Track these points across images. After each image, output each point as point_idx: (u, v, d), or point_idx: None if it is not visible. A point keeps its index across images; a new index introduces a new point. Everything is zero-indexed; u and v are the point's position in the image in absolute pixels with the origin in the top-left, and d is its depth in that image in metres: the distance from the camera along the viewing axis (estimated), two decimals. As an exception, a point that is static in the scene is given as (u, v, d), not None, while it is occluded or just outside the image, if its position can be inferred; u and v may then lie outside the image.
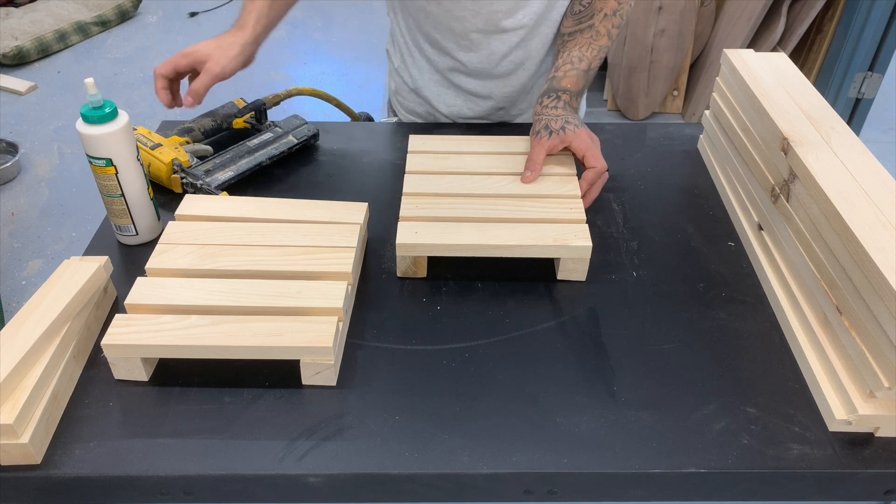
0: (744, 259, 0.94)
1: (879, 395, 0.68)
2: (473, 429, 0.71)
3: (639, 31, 2.48)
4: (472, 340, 0.81)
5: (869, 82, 2.27)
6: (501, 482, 0.68)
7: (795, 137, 0.85)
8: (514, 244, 0.86)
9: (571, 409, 0.73)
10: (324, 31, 3.81)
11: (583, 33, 1.03)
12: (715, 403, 0.74)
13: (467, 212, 0.90)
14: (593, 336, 0.82)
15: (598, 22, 1.03)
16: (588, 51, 1.02)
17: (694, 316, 0.85)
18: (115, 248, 0.94)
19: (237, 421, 0.71)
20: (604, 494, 0.71)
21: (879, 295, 0.67)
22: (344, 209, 0.92)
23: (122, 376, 0.75)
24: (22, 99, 3.09)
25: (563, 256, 0.87)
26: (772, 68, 1.01)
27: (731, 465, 0.68)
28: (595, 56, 1.02)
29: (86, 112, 0.83)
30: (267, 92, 1.20)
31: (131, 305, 0.77)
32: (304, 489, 0.68)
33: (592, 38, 1.03)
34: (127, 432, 0.70)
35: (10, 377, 0.67)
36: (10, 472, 0.67)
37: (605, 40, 1.03)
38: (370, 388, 0.75)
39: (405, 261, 0.88)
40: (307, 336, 0.73)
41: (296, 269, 0.82)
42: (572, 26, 1.05)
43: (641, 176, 1.09)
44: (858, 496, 0.72)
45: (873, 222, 0.72)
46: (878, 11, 2.12)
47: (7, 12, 3.45)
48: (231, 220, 0.90)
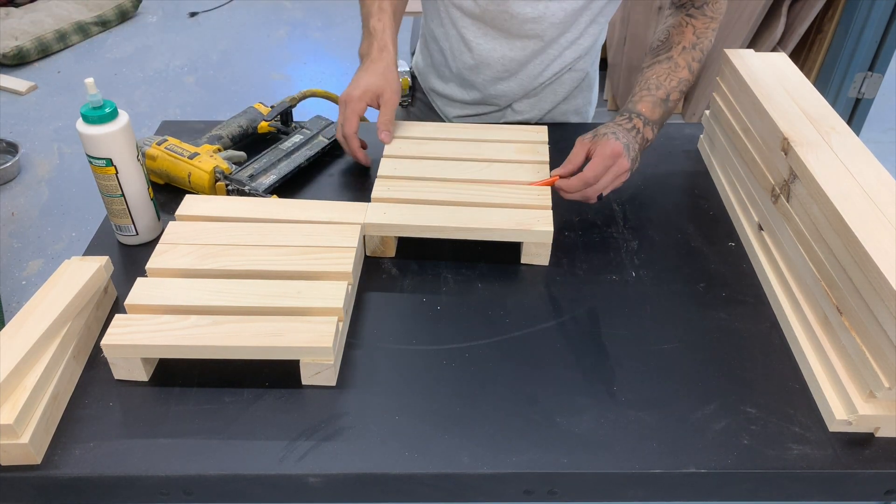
0: (744, 259, 0.94)
1: (879, 395, 0.68)
2: (473, 429, 0.71)
3: (639, 31, 2.48)
4: (472, 340, 0.81)
5: (869, 82, 2.27)
6: (501, 482, 0.68)
7: (795, 137, 0.85)
8: (478, 227, 0.88)
9: (571, 409, 0.73)
10: (324, 31, 3.81)
11: (661, 64, 1.01)
12: (715, 403, 0.74)
13: (437, 195, 0.93)
14: (593, 336, 0.82)
15: (676, 54, 1.01)
16: (666, 80, 1.00)
17: (694, 316, 0.85)
18: (115, 248, 0.94)
19: (237, 421, 0.71)
20: (604, 494, 0.71)
21: (879, 295, 0.67)
22: (344, 209, 0.92)
23: (122, 376, 0.75)
24: (22, 99, 3.09)
25: (525, 240, 0.89)
26: (772, 68, 1.01)
27: (731, 465, 0.68)
28: (674, 87, 1.00)
29: (86, 112, 0.83)
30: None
31: (131, 306, 0.77)
32: (304, 489, 0.68)
33: (671, 70, 1.00)
34: (127, 432, 0.70)
35: (11, 377, 0.67)
36: (10, 472, 0.67)
37: (685, 73, 1.01)
38: (370, 388, 0.75)
39: (373, 240, 0.91)
40: (307, 336, 0.73)
41: (296, 269, 0.82)
42: (650, 60, 1.03)
43: (641, 176, 1.09)
44: (858, 496, 0.72)
45: (873, 222, 0.72)
46: (878, 11, 2.11)
47: (7, 12, 3.45)
48: (231, 221, 0.90)
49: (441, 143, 1.04)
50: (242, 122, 1.12)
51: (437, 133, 1.07)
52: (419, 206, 0.92)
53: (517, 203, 0.92)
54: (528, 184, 0.96)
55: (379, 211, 0.90)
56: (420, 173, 0.98)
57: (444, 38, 1.17)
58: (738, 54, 1.05)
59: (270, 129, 1.14)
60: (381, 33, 1.04)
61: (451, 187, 0.95)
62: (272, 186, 1.01)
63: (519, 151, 1.02)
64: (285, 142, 1.09)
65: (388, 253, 0.92)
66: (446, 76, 1.23)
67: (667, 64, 1.01)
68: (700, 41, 1.02)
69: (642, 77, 1.02)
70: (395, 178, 0.96)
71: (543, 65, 1.14)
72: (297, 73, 3.38)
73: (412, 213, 0.90)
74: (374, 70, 1.01)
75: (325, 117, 1.17)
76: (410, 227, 0.89)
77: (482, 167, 0.99)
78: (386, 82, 1.01)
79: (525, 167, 0.99)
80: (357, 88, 1.00)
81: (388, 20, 1.04)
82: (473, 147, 1.03)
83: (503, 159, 1.01)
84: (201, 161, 1.00)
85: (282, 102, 1.15)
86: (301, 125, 1.15)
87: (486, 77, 1.16)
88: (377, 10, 1.05)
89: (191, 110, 3.06)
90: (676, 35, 1.02)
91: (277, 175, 1.02)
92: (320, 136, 1.12)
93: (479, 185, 0.95)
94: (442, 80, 1.24)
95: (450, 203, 0.92)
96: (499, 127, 1.10)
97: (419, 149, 1.03)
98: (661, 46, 1.03)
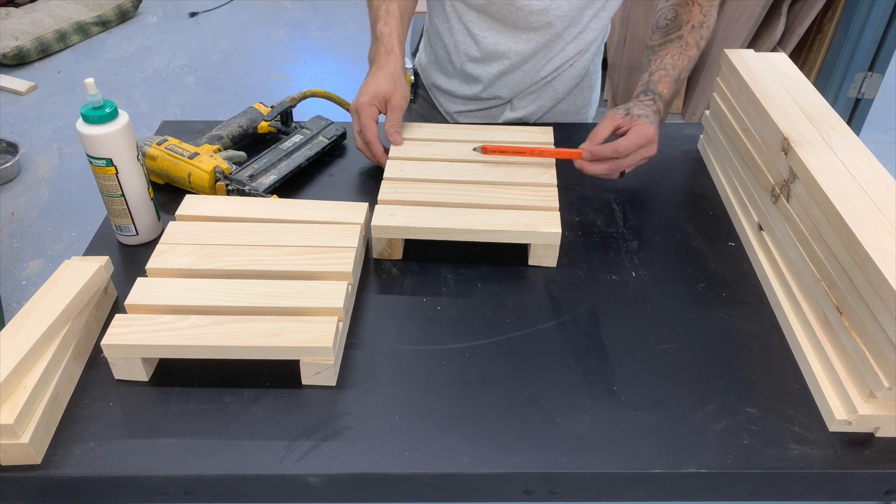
0: (744, 259, 0.94)
1: (879, 395, 0.68)
2: (473, 429, 0.71)
3: (639, 31, 2.48)
4: (472, 340, 0.81)
5: (869, 82, 2.27)
6: (501, 482, 0.68)
7: (795, 137, 0.85)
8: (485, 229, 0.88)
9: (571, 409, 0.73)
10: (324, 31, 3.81)
11: (672, 43, 1.04)
12: (715, 403, 0.74)
13: (443, 197, 0.93)
14: (593, 336, 0.82)
15: (686, 33, 1.04)
16: (679, 59, 1.03)
17: (694, 316, 0.85)
18: (115, 248, 0.94)
19: (237, 421, 0.71)
20: (604, 494, 0.71)
21: (879, 295, 0.67)
22: (344, 209, 0.92)
23: (122, 376, 0.75)
24: (22, 99, 3.09)
25: (533, 242, 0.89)
26: (772, 68, 1.01)
27: (731, 465, 0.68)
28: (685, 67, 1.03)
29: (86, 112, 0.83)
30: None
31: (131, 305, 0.77)
32: (304, 489, 0.68)
33: (682, 49, 1.04)
34: (127, 432, 0.70)
35: (11, 377, 0.67)
36: (10, 472, 0.67)
37: (693, 51, 1.04)
38: (370, 388, 0.75)
39: (380, 242, 0.90)
40: (307, 336, 0.73)
41: (296, 269, 0.82)
42: (661, 38, 1.06)
43: (641, 176, 1.09)
44: (858, 496, 0.72)
45: (873, 222, 0.72)
46: (878, 11, 2.11)
47: (7, 12, 3.45)
48: (231, 221, 0.90)
49: (447, 145, 1.04)
50: (242, 122, 1.13)
51: (442, 134, 1.07)
52: (426, 209, 0.91)
53: (524, 205, 0.92)
54: (553, 153, 0.98)
55: (386, 213, 0.90)
56: (426, 175, 0.97)
57: (448, 33, 1.18)
58: (738, 54, 1.05)
59: (270, 129, 1.14)
60: (388, 37, 1.04)
61: (458, 189, 0.94)
62: (272, 186, 1.01)
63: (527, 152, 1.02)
64: (285, 142, 1.09)
65: (395, 255, 0.92)
66: (449, 72, 1.23)
67: (678, 43, 1.04)
68: (706, 18, 1.05)
69: (656, 56, 1.05)
70: (401, 181, 0.96)
71: (546, 58, 1.15)
72: (297, 73, 3.38)
73: (419, 216, 0.90)
74: (381, 75, 1.01)
75: (325, 117, 1.17)
76: (418, 229, 0.89)
77: (489, 168, 0.98)
78: (394, 87, 1.01)
79: (531, 168, 0.99)
80: (366, 95, 1.00)
81: (396, 24, 1.05)
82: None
83: (509, 161, 1.00)
84: (201, 161, 1.00)
85: (282, 102, 1.16)
86: (301, 125, 1.15)
87: (493, 71, 1.17)
88: (384, 14, 1.05)
89: (191, 110, 3.06)
90: (684, 14, 1.05)
91: (277, 175, 1.02)
92: (320, 136, 1.12)
93: (485, 187, 0.95)
94: (445, 76, 1.25)
95: (457, 205, 0.92)
96: (505, 128, 1.10)
97: (425, 150, 1.02)
98: (670, 25, 1.06)
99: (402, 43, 1.06)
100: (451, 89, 1.24)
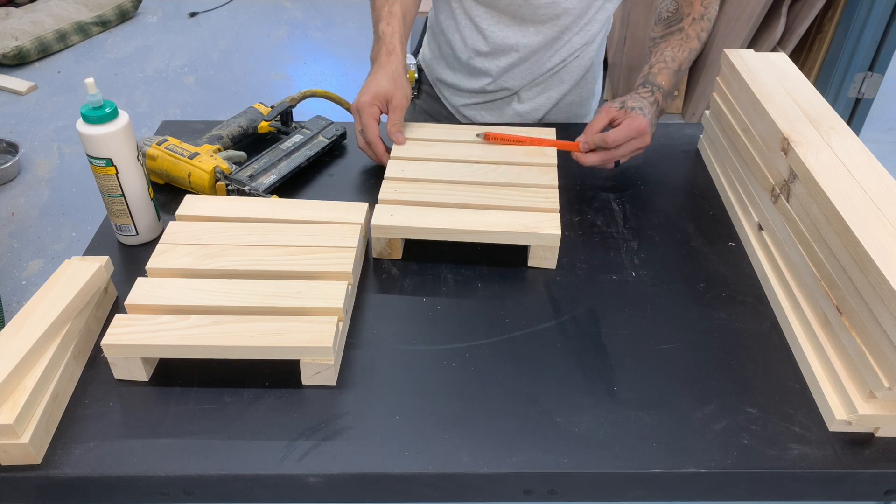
0: (744, 259, 0.94)
1: (879, 395, 0.68)
2: (473, 429, 0.71)
3: (639, 31, 2.48)
4: (472, 340, 0.81)
5: (869, 82, 2.27)
6: (501, 482, 0.68)
7: (795, 137, 0.85)
8: (485, 230, 0.88)
9: (571, 409, 0.73)
10: (324, 31, 3.81)
11: (673, 35, 1.06)
12: (715, 403, 0.74)
13: (444, 197, 0.93)
14: (593, 336, 0.82)
15: (687, 25, 1.06)
16: (680, 52, 1.05)
17: (694, 316, 0.85)
18: (115, 248, 0.94)
19: (237, 421, 0.71)
20: (604, 494, 0.71)
21: (879, 295, 0.67)
22: (344, 209, 0.92)
23: (122, 376, 0.75)
24: (22, 99, 3.09)
25: (532, 244, 0.89)
26: (772, 68, 1.01)
27: (731, 465, 0.68)
28: (686, 58, 1.05)
29: (86, 112, 0.83)
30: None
31: (131, 305, 0.77)
32: (304, 489, 0.68)
33: (683, 41, 1.05)
34: (127, 432, 0.70)
35: (11, 377, 0.67)
36: (10, 472, 0.67)
37: (695, 43, 1.06)
38: (370, 388, 0.75)
39: (380, 242, 0.91)
40: (307, 336, 0.73)
41: (296, 269, 0.82)
42: (662, 30, 1.08)
43: (641, 176, 1.09)
44: (858, 496, 0.72)
45: (873, 222, 0.72)
46: (878, 11, 2.12)
47: (7, 12, 3.45)
48: (231, 221, 0.90)
49: (448, 145, 1.04)
50: (242, 122, 1.13)
51: (444, 135, 1.06)
52: (426, 209, 0.91)
53: (524, 206, 0.91)
54: (552, 143, 1.00)
55: (386, 213, 0.90)
56: (427, 175, 0.97)
57: (454, 29, 1.18)
58: (738, 54, 1.05)
59: (270, 129, 1.14)
60: (390, 37, 1.04)
61: (459, 189, 0.94)
62: (272, 186, 1.01)
63: (527, 153, 1.02)
64: (285, 142, 1.09)
65: (395, 255, 0.92)
66: (455, 66, 1.23)
67: (679, 35, 1.06)
68: (707, 11, 1.07)
69: (657, 48, 1.07)
70: (402, 180, 0.96)
71: (554, 50, 1.16)
72: (297, 73, 3.38)
73: (420, 216, 0.90)
74: (382, 75, 1.01)
75: (325, 117, 1.17)
76: (418, 229, 0.89)
77: (490, 169, 0.98)
78: (395, 86, 1.01)
79: (533, 169, 0.99)
80: (367, 94, 1.00)
81: (398, 24, 1.05)
82: (481, 149, 1.03)
83: (511, 161, 1.00)
84: (201, 161, 1.00)
85: (282, 102, 1.16)
86: (301, 125, 1.15)
87: (501, 64, 1.17)
88: (386, 14, 1.05)
89: (191, 110, 3.06)
90: (686, 6, 1.07)
91: (277, 175, 1.02)
92: (320, 136, 1.12)
93: (486, 188, 0.95)
94: (450, 70, 1.25)
95: (457, 205, 0.92)
96: (507, 129, 1.09)
97: (426, 150, 1.02)
98: (671, 17, 1.07)
99: (404, 43, 1.06)
100: (456, 83, 1.24)
